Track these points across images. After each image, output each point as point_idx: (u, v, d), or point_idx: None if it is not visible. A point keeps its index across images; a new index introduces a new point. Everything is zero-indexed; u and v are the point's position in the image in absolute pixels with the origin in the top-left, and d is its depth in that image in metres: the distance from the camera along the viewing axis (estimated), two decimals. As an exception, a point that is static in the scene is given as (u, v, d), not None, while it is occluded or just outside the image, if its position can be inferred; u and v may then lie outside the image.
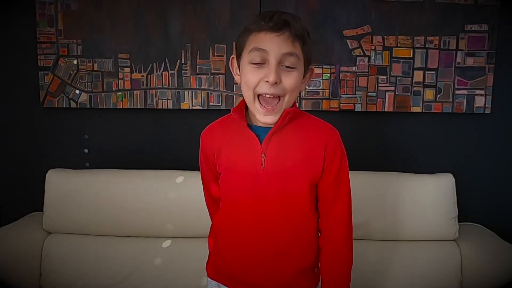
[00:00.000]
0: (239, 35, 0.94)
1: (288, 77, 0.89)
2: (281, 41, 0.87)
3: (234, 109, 0.96)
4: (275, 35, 0.87)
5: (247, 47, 0.90)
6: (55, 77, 1.62)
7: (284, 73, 0.89)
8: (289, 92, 0.90)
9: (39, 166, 1.61)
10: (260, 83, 0.89)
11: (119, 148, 1.69)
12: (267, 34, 0.87)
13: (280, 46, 0.87)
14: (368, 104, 1.60)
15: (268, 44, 0.87)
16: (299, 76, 0.91)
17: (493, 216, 1.64)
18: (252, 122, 0.97)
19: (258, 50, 0.88)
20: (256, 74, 0.89)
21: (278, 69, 0.88)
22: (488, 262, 1.35)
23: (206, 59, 1.60)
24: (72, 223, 1.47)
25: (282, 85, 0.89)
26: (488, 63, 1.56)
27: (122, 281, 1.42)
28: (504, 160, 1.64)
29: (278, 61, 0.87)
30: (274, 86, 0.88)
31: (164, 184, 1.47)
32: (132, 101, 1.63)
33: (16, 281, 1.37)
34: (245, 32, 0.92)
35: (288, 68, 0.89)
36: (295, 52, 0.88)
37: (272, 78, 0.86)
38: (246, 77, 0.91)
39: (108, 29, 1.59)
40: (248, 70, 0.90)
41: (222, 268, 1.01)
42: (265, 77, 0.87)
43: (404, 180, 1.46)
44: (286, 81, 0.89)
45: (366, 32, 1.57)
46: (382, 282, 1.40)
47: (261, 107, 0.90)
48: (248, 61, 0.90)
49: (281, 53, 0.87)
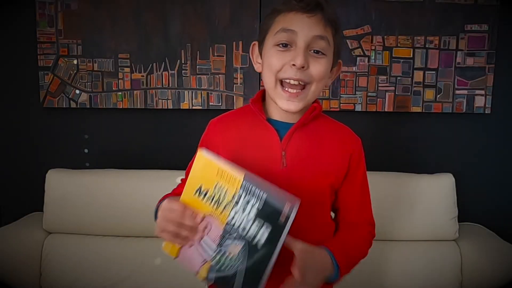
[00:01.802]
0: (265, 17, 0.86)
1: (317, 63, 0.81)
2: (312, 22, 0.79)
3: (253, 100, 0.88)
4: (306, 16, 0.79)
5: (273, 29, 0.82)
6: (55, 77, 1.62)
7: (312, 59, 0.80)
8: (316, 81, 0.81)
9: (39, 166, 1.61)
10: (285, 67, 0.80)
11: (119, 148, 1.69)
12: (297, 15, 0.80)
13: (311, 28, 0.79)
14: (368, 104, 1.60)
15: (297, 24, 0.79)
16: (328, 64, 0.83)
17: (493, 216, 1.64)
18: (270, 115, 0.88)
19: (286, 31, 0.79)
20: (281, 57, 0.80)
21: (307, 53, 0.80)
22: (488, 262, 1.35)
23: (206, 59, 1.60)
24: (72, 223, 1.47)
25: (309, 71, 0.80)
26: (488, 63, 1.56)
27: (122, 281, 1.42)
28: (504, 160, 1.64)
29: (307, 44, 0.79)
30: (300, 71, 0.79)
31: (164, 184, 1.46)
32: (132, 101, 1.63)
33: (16, 281, 1.37)
34: (272, 13, 0.84)
35: (317, 54, 0.81)
36: (326, 36, 0.80)
37: (300, 61, 0.78)
38: (268, 60, 0.82)
39: (108, 29, 1.59)
40: (273, 53, 0.82)
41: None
42: (291, 60, 0.79)
43: (404, 180, 1.46)
44: (314, 68, 0.80)
45: (366, 32, 1.57)
46: (382, 282, 1.40)
47: (284, 91, 0.81)
48: (273, 43, 0.81)
49: (311, 35, 0.79)
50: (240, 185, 0.71)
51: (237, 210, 0.72)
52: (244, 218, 0.71)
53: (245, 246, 0.71)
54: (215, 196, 0.73)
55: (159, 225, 0.76)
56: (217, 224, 0.73)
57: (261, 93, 0.91)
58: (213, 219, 0.74)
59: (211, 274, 0.74)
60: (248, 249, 0.71)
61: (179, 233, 0.74)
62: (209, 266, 0.74)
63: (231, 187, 0.72)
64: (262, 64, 0.87)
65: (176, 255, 0.77)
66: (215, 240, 0.73)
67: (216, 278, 0.74)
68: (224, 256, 0.73)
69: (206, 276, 0.75)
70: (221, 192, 0.72)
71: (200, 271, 0.75)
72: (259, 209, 0.70)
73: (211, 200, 0.73)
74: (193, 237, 0.75)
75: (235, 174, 0.72)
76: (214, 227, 0.74)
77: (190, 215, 0.74)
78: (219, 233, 0.73)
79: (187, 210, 0.74)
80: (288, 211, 0.68)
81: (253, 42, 0.90)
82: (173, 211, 0.74)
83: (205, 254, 0.74)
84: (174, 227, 0.74)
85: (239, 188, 0.71)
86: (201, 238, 0.74)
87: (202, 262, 0.75)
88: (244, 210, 0.71)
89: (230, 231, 0.72)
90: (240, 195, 0.71)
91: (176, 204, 0.75)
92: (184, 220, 0.74)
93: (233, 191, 0.72)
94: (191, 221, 0.74)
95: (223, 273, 0.73)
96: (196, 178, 0.75)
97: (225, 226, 0.73)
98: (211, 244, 0.74)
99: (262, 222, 0.70)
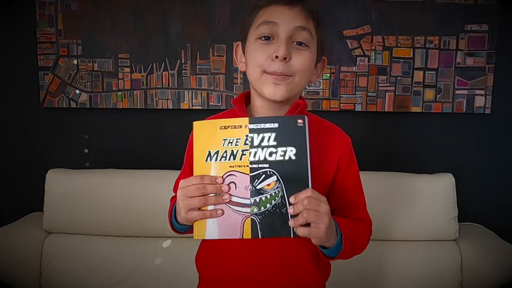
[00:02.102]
0: (245, 15, 0.86)
1: (300, 55, 0.80)
2: (293, 14, 0.79)
3: (234, 100, 0.88)
4: (286, 7, 0.79)
5: (254, 23, 0.83)
6: (55, 77, 1.62)
7: (295, 51, 0.80)
8: (300, 72, 0.81)
9: (39, 166, 1.61)
10: (268, 60, 0.80)
11: (119, 148, 1.69)
12: (278, 7, 0.80)
13: (292, 19, 0.79)
14: (368, 104, 1.60)
15: (278, 16, 0.79)
16: (312, 57, 0.82)
17: (493, 216, 1.64)
18: (254, 115, 0.89)
19: (267, 23, 0.80)
20: (264, 50, 0.80)
21: (289, 44, 0.79)
22: (488, 262, 1.35)
23: (206, 59, 1.60)
24: (72, 223, 1.47)
25: (291, 63, 0.80)
26: (488, 63, 1.56)
27: (122, 281, 1.42)
28: (504, 160, 1.64)
29: (289, 35, 0.79)
30: (283, 64, 0.79)
31: (164, 184, 1.46)
32: (132, 101, 1.63)
33: (16, 281, 1.37)
34: (252, 10, 0.84)
35: (300, 46, 0.80)
36: (308, 27, 0.80)
37: (282, 52, 0.77)
38: (252, 55, 0.82)
39: (108, 29, 1.59)
40: (255, 47, 0.82)
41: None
42: (274, 52, 0.78)
43: (404, 180, 1.45)
44: (296, 60, 0.80)
45: (366, 32, 1.57)
46: (382, 282, 1.40)
47: (270, 76, 0.80)
48: (255, 37, 0.82)
49: (292, 26, 0.79)
50: (247, 128, 0.72)
51: (256, 150, 0.71)
52: (265, 153, 0.71)
53: (277, 176, 0.71)
54: (228, 151, 0.72)
55: (183, 206, 0.73)
56: (241, 174, 0.72)
57: (244, 95, 0.91)
58: (235, 172, 0.72)
59: (256, 227, 0.72)
60: (281, 177, 0.71)
61: (207, 202, 0.72)
62: (250, 220, 0.72)
63: (240, 134, 0.72)
64: (245, 61, 0.86)
65: (208, 234, 0.73)
66: (246, 191, 0.72)
67: (264, 225, 0.71)
68: (262, 199, 0.72)
69: (252, 232, 0.72)
70: (232, 143, 0.72)
71: (244, 232, 0.72)
72: (276, 138, 0.71)
73: (225, 157, 0.72)
74: (222, 201, 0.72)
75: (239, 120, 0.72)
76: (240, 179, 0.72)
77: (210, 180, 0.72)
78: (247, 182, 0.72)
79: (205, 177, 0.72)
80: (302, 125, 0.71)
81: (236, 43, 0.90)
82: (191, 184, 0.72)
83: (242, 211, 0.72)
84: (198, 199, 0.71)
85: (248, 132, 0.72)
86: (230, 198, 0.72)
87: (242, 221, 0.72)
88: (262, 146, 0.71)
89: (256, 172, 0.72)
90: (252, 137, 0.72)
91: (191, 177, 0.73)
92: (206, 188, 0.71)
93: (243, 136, 0.72)
94: (214, 186, 0.71)
95: (269, 215, 0.71)
96: (201, 147, 0.73)
97: (250, 170, 0.72)
98: (243, 198, 0.72)
99: (284, 147, 0.71)
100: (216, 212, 0.72)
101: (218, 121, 0.73)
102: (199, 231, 0.73)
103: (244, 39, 0.86)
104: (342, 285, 0.97)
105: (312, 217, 0.70)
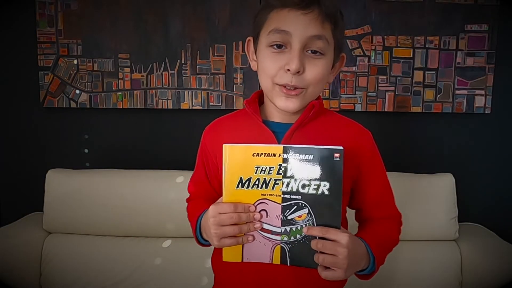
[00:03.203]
0: (258, 11, 0.81)
1: (314, 65, 0.75)
2: (308, 20, 0.73)
3: (247, 101, 0.83)
4: (301, 13, 0.73)
5: (266, 27, 0.77)
6: (55, 77, 1.62)
7: (309, 61, 0.75)
8: (313, 84, 0.77)
9: (39, 166, 1.61)
10: (280, 72, 0.75)
11: (119, 148, 1.69)
12: (291, 12, 0.74)
13: (306, 27, 0.73)
14: (368, 104, 1.60)
15: (291, 24, 0.73)
16: (327, 65, 0.78)
17: (493, 216, 1.64)
18: (267, 117, 0.84)
19: (279, 31, 0.74)
20: (276, 61, 0.75)
21: (302, 55, 0.74)
22: (488, 262, 1.35)
23: (206, 59, 1.60)
24: (72, 223, 1.47)
25: (305, 76, 0.75)
26: (488, 63, 1.56)
27: (122, 281, 1.42)
28: (504, 160, 1.64)
29: (303, 45, 0.74)
30: (295, 76, 0.74)
31: (164, 184, 1.47)
32: (132, 101, 1.63)
33: (16, 281, 1.37)
34: (265, 8, 0.78)
35: (314, 55, 0.75)
36: (324, 35, 0.74)
37: (295, 65, 0.73)
38: (263, 63, 0.77)
39: (108, 29, 1.59)
40: (266, 55, 0.77)
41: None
42: (286, 64, 0.74)
43: (404, 180, 1.45)
44: (310, 71, 0.75)
45: (366, 32, 1.57)
46: (382, 282, 1.40)
47: (281, 89, 0.76)
48: (266, 44, 0.76)
49: (307, 35, 0.73)
50: (281, 157, 0.70)
51: (288, 181, 0.70)
52: (298, 185, 0.70)
53: (308, 209, 0.71)
54: (260, 179, 0.71)
55: (215, 235, 0.72)
56: (273, 203, 0.71)
57: (257, 95, 0.87)
58: (266, 201, 0.72)
59: (286, 254, 0.73)
60: (313, 210, 0.70)
61: (240, 231, 0.71)
62: (280, 248, 0.72)
63: (273, 162, 0.70)
64: (257, 64, 0.83)
65: (241, 258, 0.75)
66: (277, 220, 0.72)
67: (293, 254, 0.72)
68: (293, 229, 0.71)
69: (281, 259, 0.73)
70: (264, 172, 0.70)
71: (274, 257, 0.73)
72: (310, 170, 0.69)
73: (258, 184, 0.71)
74: (253, 230, 0.72)
75: (273, 148, 0.70)
76: (271, 208, 0.72)
77: (243, 209, 0.71)
78: (278, 212, 0.71)
79: (238, 205, 0.71)
80: (338, 159, 0.69)
81: (248, 38, 0.86)
82: (224, 212, 0.71)
83: (273, 238, 0.72)
84: (232, 229, 0.71)
85: (282, 161, 0.70)
86: (261, 226, 0.72)
87: (272, 248, 0.73)
88: (295, 177, 0.70)
89: (288, 203, 0.71)
90: (285, 167, 0.70)
91: (224, 204, 0.71)
92: (240, 217, 0.70)
93: (276, 165, 0.70)
94: (246, 215, 0.71)
95: (299, 246, 0.71)
96: (232, 172, 0.71)
97: (282, 200, 0.71)
98: (273, 226, 0.72)
99: (318, 180, 0.69)
100: (248, 238, 0.72)
101: (251, 147, 0.71)
102: (232, 255, 0.74)
103: (256, 37, 0.81)
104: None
105: (329, 263, 0.70)
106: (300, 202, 0.70)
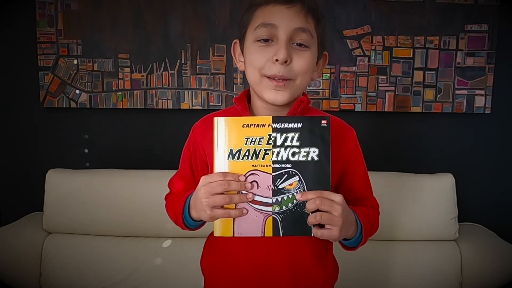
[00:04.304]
0: (243, 13, 0.84)
1: (300, 57, 0.79)
2: (292, 14, 0.77)
3: (236, 99, 0.86)
4: (285, 7, 0.77)
5: (252, 24, 0.80)
6: (55, 77, 1.62)
7: (295, 53, 0.78)
8: (301, 75, 0.80)
9: (39, 166, 1.61)
10: (268, 63, 0.78)
11: (119, 148, 1.69)
12: (276, 7, 0.78)
13: (291, 20, 0.77)
14: (368, 104, 1.60)
15: (277, 17, 0.77)
16: (312, 57, 0.81)
17: (493, 216, 1.64)
18: (255, 114, 0.87)
19: (266, 25, 0.77)
20: (263, 53, 0.78)
21: (289, 47, 0.78)
22: (488, 262, 1.35)
23: (206, 59, 1.60)
24: (72, 223, 1.47)
25: (292, 66, 0.78)
26: (488, 63, 1.56)
27: (122, 281, 1.42)
28: (504, 160, 1.64)
29: (289, 37, 0.77)
30: (283, 67, 0.77)
31: (164, 184, 1.46)
32: (132, 101, 1.63)
33: (16, 281, 1.37)
34: (250, 8, 0.82)
35: (300, 47, 0.79)
36: (308, 28, 0.78)
37: (282, 55, 0.76)
38: (251, 57, 0.80)
39: (108, 29, 1.59)
40: (254, 49, 0.80)
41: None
42: (274, 55, 0.77)
43: (404, 180, 1.46)
44: (297, 62, 0.78)
45: (366, 32, 1.57)
46: (382, 282, 1.40)
47: (270, 81, 0.79)
48: (253, 39, 0.79)
49: (292, 27, 0.77)
50: (271, 128, 0.72)
51: (278, 150, 0.72)
52: (288, 153, 0.72)
53: (299, 176, 0.72)
54: (250, 150, 0.72)
55: (206, 204, 0.71)
56: (264, 174, 0.72)
57: (245, 93, 0.89)
58: (257, 171, 0.72)
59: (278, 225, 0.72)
60: (303, 177, 0.72)
61: (231, 201, 0.70)
62: (272, 219, 0.72)
63: (263, 133, 0.72)
64: (244, 62, 0.85)
65: (232, 233, 0.73)
66: (268, 190, 0.72)
67: (285, 224, 0.72)
68: (284, 198, 0.72)
69: (273, 230, 0.72)
70: (254, 142, 0.72)
71: (266, 230, 0.72)
72: (299, 139, 0.71)
73: (248, 155, 0.72)
74: (246, 200, 0.71)
75: (263, 119, 0.72)
76: (262, 179, 0.72)
77: (233, 178, 0.71)
78: (269, 182, 0.72)
79: (228, 174, 0.71)
80: (326, 125, 0.72)
81: (234, 40, 0.89)
82: (214, 180, 0.70)
83: (264, 210, 0.72)
84: (223, 198, 0.70)
85: (271, 131, 0.72)
86: (253, 197, 0.72)
87: (264, 220, 0.72)
88: (285, 146, 0.72)
89: (279, 172, 0.72)
90: (275, 136, 0.72)
91: (214, 174, 0.71)
92: (230, 185, 0.70)
93: (266, 135, 0.72)
94: (237, 183, 0.71)
95: (291, 214, 0.72)
96: (223, 144, 0.73)
97: (272, 170, 0.72)
98: (265, 197, 0.72)
99: (307, 147, 0.71)
100: (242, 211, 0.72)
101: (240, 118, 0.73)
102: (224, 229, 0.73)
103: (242, 38, 0.85)
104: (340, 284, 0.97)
105: (326, 220, 0.70)
106: (291, 170, 0.72)
